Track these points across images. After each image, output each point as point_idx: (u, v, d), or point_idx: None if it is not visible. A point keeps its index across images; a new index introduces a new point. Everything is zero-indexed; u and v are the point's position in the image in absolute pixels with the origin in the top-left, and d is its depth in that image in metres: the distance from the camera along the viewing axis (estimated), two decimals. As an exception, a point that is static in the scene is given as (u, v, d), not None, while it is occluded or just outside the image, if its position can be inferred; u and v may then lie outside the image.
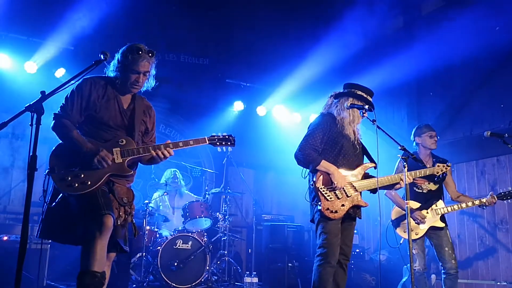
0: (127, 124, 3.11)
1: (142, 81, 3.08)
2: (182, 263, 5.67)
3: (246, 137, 7.74)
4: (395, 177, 3.71)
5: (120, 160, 2.97)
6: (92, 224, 2.77)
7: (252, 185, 8.43)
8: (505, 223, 6.21)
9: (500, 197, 4.52)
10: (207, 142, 3.25)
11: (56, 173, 2.88)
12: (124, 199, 3.04)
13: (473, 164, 6.72)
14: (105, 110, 3.03)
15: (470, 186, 6.67)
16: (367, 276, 6.50)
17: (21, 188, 6.67)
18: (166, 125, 8.02)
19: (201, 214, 6.18)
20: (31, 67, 6.39)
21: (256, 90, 7.99)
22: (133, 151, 3.02)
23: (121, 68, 3.03)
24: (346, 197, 3.57)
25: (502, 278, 6.13)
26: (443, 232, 4.57)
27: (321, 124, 3.68)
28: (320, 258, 3.49)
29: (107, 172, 2.93)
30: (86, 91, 3.00)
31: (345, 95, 3.75)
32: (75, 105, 2.99)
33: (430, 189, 4.66)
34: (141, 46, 3.02)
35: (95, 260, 2.72)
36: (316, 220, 3.58)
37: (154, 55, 3.07)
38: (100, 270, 2.75)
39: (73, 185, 2.85)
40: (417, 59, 6.87)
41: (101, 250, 2.75)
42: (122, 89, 3.11)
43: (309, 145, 3.61)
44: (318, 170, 3.57)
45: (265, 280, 6.67)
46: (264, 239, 7.22)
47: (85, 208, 2.85)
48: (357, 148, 3.73)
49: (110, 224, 2.79)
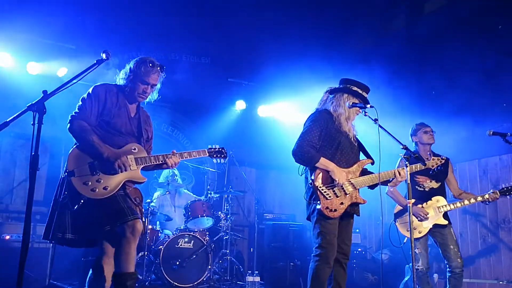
0: (136, 132, 3.27)
1: (149, 92, 3.27)
2: (184, 262, 5.68)
3: (248, 136, 7.75)
4: (391, 172, 3.64)
5: (135, 168, 3.12)
6: (124, 228, 2.93)
7: (254, 184, 8.43)
8: (508, 222, 6.20)
9: (502, 192, 4.50)
10: (207, 154, 3.49)
11: (77, 177, 2.96)
12: (137, 199, 3.20)
13: (475, 163, 6.72)
14: (117, 117, 3.16)
15: (473, 185, 6.66)
16: (369, 275, 6.50)
17: (23, 187, 6.69)
18: (169, 124, 8.02)
19: (203, 213, 6.19)
20: (34, 68, 6.40)
21: (259, 89, 7.97)
22: (146, 159, 3.18)
23: (132, 77, 3.21)
24: (345, 195, 3.50)
25: (505, 277, 6.11)
26: (447, 230, 4.55)
27: (317, 120, 3.61)
28: (318, 258, 3.45)
29: (124, 178, 3.06)
30: (102, 96, 3.14)
31: (340, 91, 3.69)
32: (93, 109, 3.09)
33: (432, 187, 4.65)
34: (153, 60, 3.22)
35: (131, 261, 2.94)
36: (314, 219, 3.52)
37: (163, 70, 3.28)
38: (134, 271, 2.98)
39: (95, 189, 2.95)
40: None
41: (134, 251, 2.98)
42: (130, 98, 3.26)
43: (306, 142, 3.53)
44: (317, 168, 3.50)
45: (267, 279, 6.67)
46: (266, 238, 7.22)
47: (109, 213, 2.95)
48: (354, 144, 3.69)
49: (141, 228, 3.00)
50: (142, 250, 5.72)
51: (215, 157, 3.52)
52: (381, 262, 6.25)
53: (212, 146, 3.53)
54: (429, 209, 4.57)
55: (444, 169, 4.72)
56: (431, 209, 4.57)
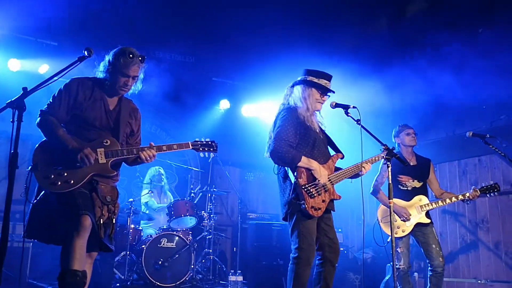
0: (112, 125, 3.14)
1: (130, 85, 3.14)
2: (166, 261, 5.65)
3: (232, 135, 7.74)
4: (358, 166, 3.60)
5: (104, 161, 3.00)
6: (70, 224, 2.79)
7: (238, 184, 8.43)
8: (486, 222, 6.31)
9: (482, 190, 4.57)
10: (191, 147, 3.28)
11: (39, 170, 2.88)
12: (108, 198, 3.05)
13: (455, 164, 6.83)
14: (90, 111, 3.05)
15: (452, 185, 6.76)
16: (350, 275, 6.55)
17: (2, 186, 6.57)
18: (152, 123, 7.97)
19: (186, 213, 6.17)
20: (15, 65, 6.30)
21: (243, 89, 7.98)
22: (117, 152, 3.04)
23: (111, 70, 3.07)
24: (325, 192, 3.46)
25: (483, 276, 6.23)
26: (429, 228, 4.61)
27: (289, 118, 3.48)
28: (298, 260, 3.37)
29: (90, 172, 2.95)
30: (73, 90, 3.03)
31: (300, 83, 3.61)
32: (62, 103, 3.00)
33: (415, 186, 4.72)
34: (133, 51, 3.06)
35: (75, 259, 2.73)
36: (294, 219, 3.43)
37: (144, 60, 3.12)
38: (80, 269, 2.76)
39: (56, 183, 2.85)
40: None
41: (80, 249, 2.77)
42: (110, 91, 3.15)
43: (284, 142, 3.40)
44: (299, 167, 3.41)
45: (249, 278, 6.68)
46: (249, 237, 7.23)
47: (64, 207, 2.86)
48: (325, 138, 3.65)
49: (87, 224, 2.81)
50: (124, 250, 5.68)
51: (201, 150, 3.34)
52: (363, 261, 6.31)
53: (198, 139, 3.35)
54: (412, 208, 4.63)
55: (425, 169, 4.80)
56: (413, 208, 4.63)
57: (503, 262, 6.06)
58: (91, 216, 2.86)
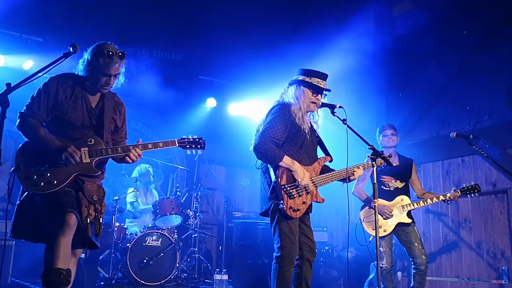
0: (96, 124, 3.07)
1: (112, 82, 3.05)
2: (151, 260, 5.63)
3: (218, 134, 7.73)
4: (347, 170, 3.58)
5: (88, 160, 2.94)
6: (54, 222, 2.75)
7: (224, 182, 8.43)
8: (469, 222, 6.41)
9: (463, 191, 4.65)
10: (177, 144, 3.19)
11: (22, 171, 2.84)
12: (94, 197, 3.01)
13: (439, 164, 6.91)
14: (72, 111, 2.98)
15: (436, 185, 6.85)
16: (335, 273, 6.60)
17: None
18: (137, 120, 7.93)
19: (172, 211, 6.15)
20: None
21: (229, 87, 7.97)
22: (102, 151, 2.99)
23: (91, 69, 2.97)
24: (306, 194, 3.43)
25: (465, 275, 6.32)
26: (410, 228, 4.68)
27: (281, 114, 3.46)
28: (282, 259, 3.36)
29: (74, 172, 2.90)
30: (53, 90, 2.95)
31: (293, 83, 3.62)
32: (42, 104, 2.93)
33: (397, 186, 4.78)
34: (112, 49, 2.95)
35: (59, 257, 2.70)
36: (275, 218, 3.42)
37: (124, 56, 3.01)
38: (64, 267, 2.73)
39: (39, 184, 2.81)
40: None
41: (64, 248, 2.73)
42: (92, 89, 3.06)
43: (269, 138, 3.38)
44: (280, 166, 3.39)
45: (235, 277, 6.68)
46: (234, 236, 7.23)
47: (49, 207, 2.82)
48: (313, 139, 3.64)
49: (72, 222, 2.77)
50: (108, 248, 5.65)
51: (188, 147, 3.25)
52: (347, 261, 6.35)
53: (186, 136, 3.25)
54: (394, 208, 4.68)
55: (408, 170, 4.86)
56: (395, 208, 4.68)
57: (484, 261, 6.16)
58: (76, 214, 2.82)
